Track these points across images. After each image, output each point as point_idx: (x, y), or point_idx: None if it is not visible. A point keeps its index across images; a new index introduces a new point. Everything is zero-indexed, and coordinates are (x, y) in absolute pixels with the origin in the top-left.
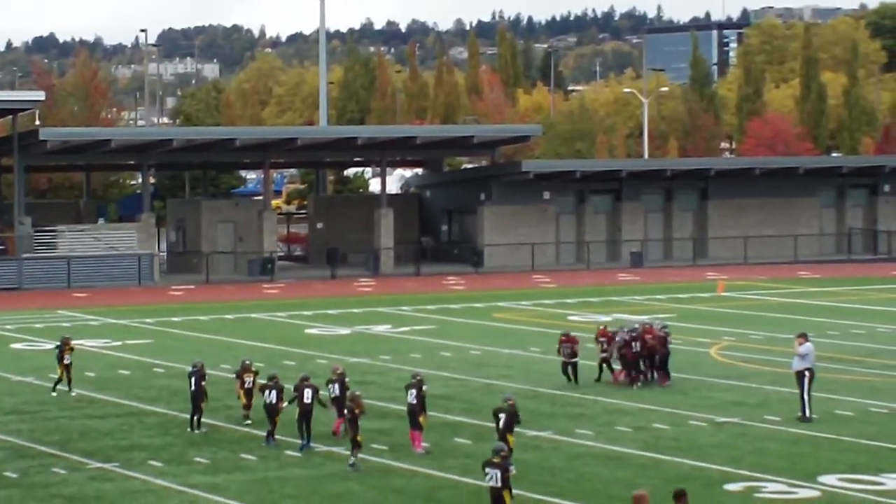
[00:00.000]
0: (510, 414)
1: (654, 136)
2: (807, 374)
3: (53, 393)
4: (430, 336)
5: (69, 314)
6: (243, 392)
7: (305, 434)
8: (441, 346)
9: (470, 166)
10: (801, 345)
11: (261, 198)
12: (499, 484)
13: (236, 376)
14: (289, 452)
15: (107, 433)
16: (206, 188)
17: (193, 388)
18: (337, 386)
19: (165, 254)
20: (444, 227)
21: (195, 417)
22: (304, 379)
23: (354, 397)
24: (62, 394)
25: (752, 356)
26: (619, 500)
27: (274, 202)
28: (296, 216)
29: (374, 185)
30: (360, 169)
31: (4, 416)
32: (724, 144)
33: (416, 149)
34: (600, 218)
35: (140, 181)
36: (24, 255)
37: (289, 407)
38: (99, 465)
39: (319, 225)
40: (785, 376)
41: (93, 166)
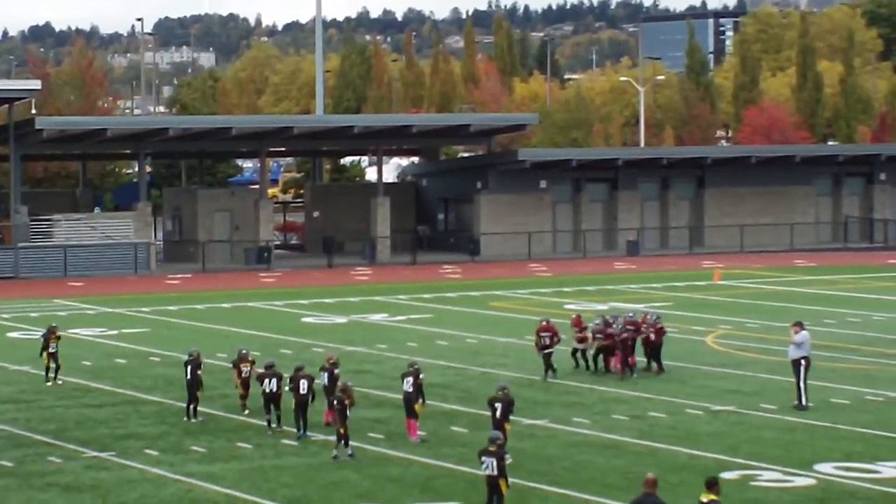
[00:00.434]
0: (505, 402)
1: (650, 124)
2: (803, 362)
3: (48, 383)
4: (427, 325)
5: (65, 303)
6: (240, 382)
7: (302, 424)
8: (437, 334)
9: (466, 155)
10: (796, 333)
11: (257, 187)
12: (494, 472)
13: (233, 366)
14: (285, 441)
15: (103, 422)
16: (202, 177)
17: (189, 377)
18: (326, 375)
19: (162, 243)
20: (441, 216)
21: (191, 406)
22: (299, 369)
23: (346, 388)
24: (56, 383)
25: (749, 344)
26: (615, 488)
27: (270, 191)
28: (292, 205)
29: (371, 174)
30: (357, 158)
31: (0, 405)
32: (721, 133)
33: (413, 137)
34: (597, 206)
35: (136, 170)
36: (21, 244)
37: (286, 394)
38: (95, 453)
39: (316, 214)
40: (781, 365)
41: (89, 155)
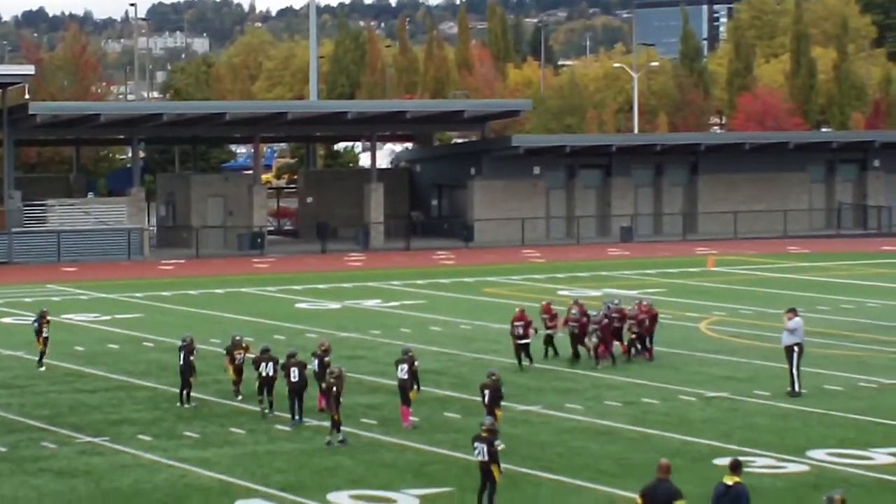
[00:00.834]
0: (494, 389)
1: (643, 111)
2: (796, 349)
3: (41, 368)
4: (420, 311)
5: (59, 288)
6: (233, 368)
7: (298, 411)
8: (431, 320)
9: (460, 141)
10: (790, 320)
11: (251, 172)
12: (486, 458)
13: (226, 352)
14: (279, 427)
15: (96, 407)
16: (195, 163)
17: (183, 363)
18: (316, 362)
19: (155, 228)
20: (434, 202)
21: (185, 392)
22: (291, 356)
23: (340, 374)
24: (50, 367)
25: (742, 331)
26: (608, 474)
27: (264, 177)
28: (286, 191)
29: (364, 160)
30: (350, 143)
31: None
32: (714, 119)
33: (406, 123)
34: (590, 193)
35: (130, 155)
36: (14, 230)
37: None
38: (88, 439)
39: (309, 199)
40: (774, 351)
41: (82, 140)
